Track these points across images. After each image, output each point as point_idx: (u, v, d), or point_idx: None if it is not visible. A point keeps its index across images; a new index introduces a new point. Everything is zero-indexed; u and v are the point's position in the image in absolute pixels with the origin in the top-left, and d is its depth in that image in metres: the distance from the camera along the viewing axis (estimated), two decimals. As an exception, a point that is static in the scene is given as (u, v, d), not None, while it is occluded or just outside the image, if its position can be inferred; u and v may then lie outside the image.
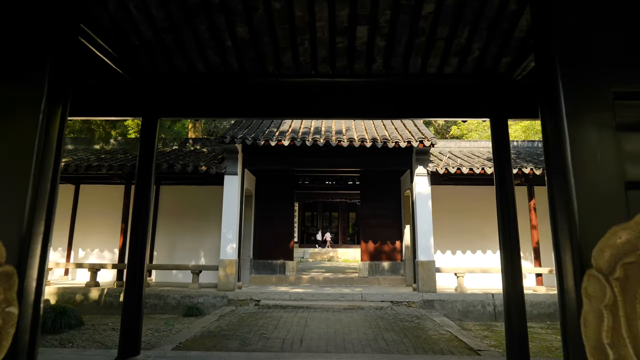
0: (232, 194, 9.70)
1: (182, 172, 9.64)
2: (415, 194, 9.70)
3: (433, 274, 9.26)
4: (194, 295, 9.17)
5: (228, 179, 9.77)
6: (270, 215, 11.80)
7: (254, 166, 10.43)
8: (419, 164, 9.73)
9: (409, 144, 9.22)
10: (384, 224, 11.67)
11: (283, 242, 11.63)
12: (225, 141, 9.28)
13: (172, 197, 11.86)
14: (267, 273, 11.31)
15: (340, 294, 9.17)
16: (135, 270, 4.67)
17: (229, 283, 9.31)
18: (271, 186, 12.02)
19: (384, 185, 11.95)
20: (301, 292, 9.32)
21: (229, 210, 9.63)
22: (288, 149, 10.10)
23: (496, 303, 9.00)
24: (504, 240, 4.75)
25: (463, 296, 9.07)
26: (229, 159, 9.83)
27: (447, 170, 9.41)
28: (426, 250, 9.38)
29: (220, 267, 9.39)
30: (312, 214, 28.72)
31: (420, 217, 9.52)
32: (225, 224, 9.57)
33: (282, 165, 10.29)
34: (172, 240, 11.57)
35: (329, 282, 10.89)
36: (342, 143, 9.24)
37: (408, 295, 9.12)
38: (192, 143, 12.09)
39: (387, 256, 11.50)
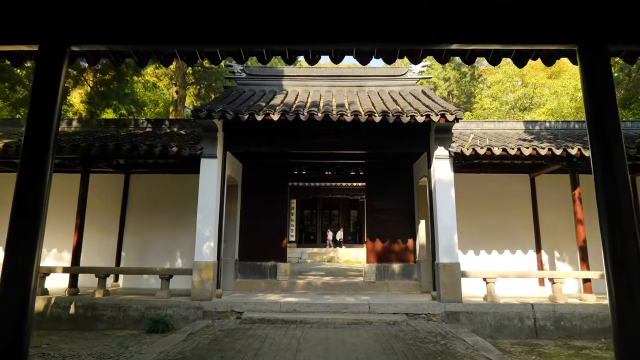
0: (210, 181, 7.92)
1: (148, 155, 7.87)
2: (435, 181, 7.92)
3: (458, 280, 7.48)
4: (162, 306, 7.40)
5: (205, 162, 8.00)
6: (260, 210, 10.02)
7: (237, 148, 8.65)
8: (439, 145, 7.95)
9: (427, 118, 7.44)
10: (393, 219, 9.89)
11: (275, 241, 9.85)
12: (201, 115, 7.50)
13: (144, 189, 10.11)
14: (256, 277, 9.53)
15: (342, 304, 7.39)
16: (17, 276, 2.86)
17: (204, 291, 7.53)
18: (261, 175, 10.24)
19: (393, 174, 10.18)
20: (294, 301, 7.54)
21: (206, 202, 7.85)
22: (279, 126, 8.32)
23: (537, 316, 7.22)
24: (611, 241, 2.90)
25: (495, 307, 7.29)
26: (206, 139, 8.05)
27: (475, 151, 7.64)
28: (449, 250, 7.60)
29: (194, 271, 7.61)
30: (311, 212, 26.95)
31: (441, 210, 7.74)
32: (202, 218, 7.79)
33: (272, 147, 8.52)
34: (143, 239, 9.81)
35: (328, 289, 9.11)
36: (345, 117, 7.47)
37: (427, 306, 7.34)
38: (168, 125, 10.32)
39: (397, 257, 9.72)
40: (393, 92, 9.80)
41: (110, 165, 9.45)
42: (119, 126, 10.29)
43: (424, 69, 10.42)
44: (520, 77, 16.75)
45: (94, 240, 9.68)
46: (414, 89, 9.94)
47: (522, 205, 9.68)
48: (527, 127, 10.11)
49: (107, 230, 9.77)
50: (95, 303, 7.47)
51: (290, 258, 21.59)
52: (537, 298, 8.04)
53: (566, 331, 7.13)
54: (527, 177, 9.84)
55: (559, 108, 14.65)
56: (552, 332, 7.14)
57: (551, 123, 10.14)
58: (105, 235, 9.75)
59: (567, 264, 9.41)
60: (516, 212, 9.64)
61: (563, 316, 7.20)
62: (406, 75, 10.39)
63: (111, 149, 7.68)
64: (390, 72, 10.52)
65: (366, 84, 10.29)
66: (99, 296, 7.68)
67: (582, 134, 9.60)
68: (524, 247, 9.53)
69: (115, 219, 9.85)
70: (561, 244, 9.47)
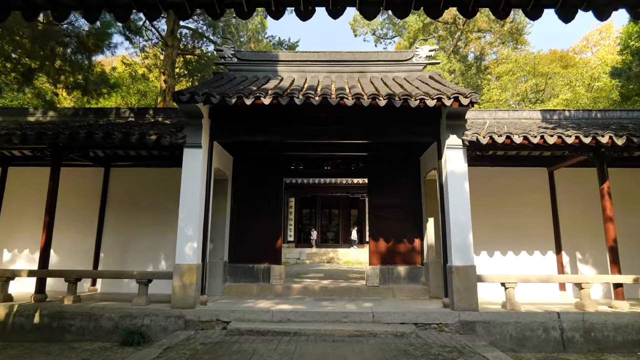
0: (193, 173, 7.05)
1: (124, 144, 7.00)
2: (446, 173, 7.05)
3: (473, 285, 6.61)
4: (138, 315, 6.53)
5: (189, 153, 7.13)
6: (253, 206, 9.15)
7: (226, 137, 7.77)
8: (451, 133, 7.08)
9: (438, 102, 6.57)
10: (398, 217, 9.02)
11: (268, 240, 8.99)
12: (183, 99, 6.63)
13: (125, 184, 9.25)
14: (247, 281, 8.66)
15: (342, 313, 6.52)
16: None
17: (186, 297, 6.65)
18: (254, 169, 9.37)
19: (398, 167, 9.31)
20: (288, 309, 6.67)
21: (189, 197, 6.98)
22: (272, 113, 7.47)
23: (564, 326, 6.35)
24: None
25: (516, 316, 6.42)
26: (190, 127, 7.17)
27: (492, 139, 6.77)
28: (463, 251, 6.73)
29: (175, 275, 6.74)
30: (311, 211, 26.06)
31: (454, 206, 6.87)
32: (184, 216, 6.92)
33: (264, 136, 7.64)
34: (124, 239, 8.95)
35: (327, 294, 8.24)
36: (346, 101, 6.60)
37: (438, 315, 6.47)
38: (152, 114, 9.45)
39: (403, 259, 8.85)
40: (398, 78, 8.92)
41: (87, 158, 8.58)
42: (99, 115, 9.42)
43: (431, 53, 9.54)
44: (531, 67, 15.88)
45: (70, 240, 8.83)
46: (421, 75, 9.07)
47: (540, 202, 8.81)
48: (545, 116, 9.24)
49: (84, 230, 8.90)
50: (62, 311, 6.60)
51: (288, 259, 20.77)
52: (562, 305, 7.17)
53: (597, 343, 6.27)
54: (545, 171, 8.97)
55: (574, 99, 13.75)
56: (582, 344, 6.28)
57: (571, 112, 9.26)
58: (82, 235, 8.88)
59: (590, 267, 8.54)
60: (533, 210, 8.77)
61: (593, 326, 6.33)
62: (412, 60, 9.51)
63: (82, 137, 6.81)
64: (394, 57, 9.65)
65: (368, 69, 9.41)
66: (68, 303, 6.82)
67: (606, 123, 8.73)
68: (542, 247, 8.66)
69: (93, 217, 8.98)
70: (584, 244, 8.60)
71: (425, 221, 8.65)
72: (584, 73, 14.35)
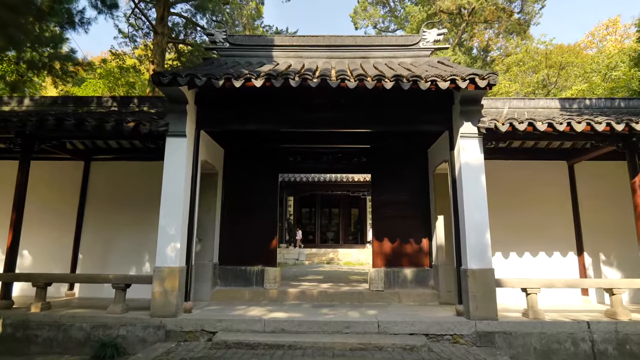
0: (177, 165, 6.31)
1: (98, 132, 6.25)
2: (460, 165, 6.29)
3: (491, 291, 5.86)
4: (113, 325, 5.78)
5: (172, 143, 6.38)
6: (246, 204, 8.41)
7: (214, 126, 7.02)
8: (465, 120, 6.32)
9: (452, 84, 5.82)
10: (404, 215, 8.27)
11: (263, 241, 8.24)
12: (164, 81, 5.87)
13: (107, 179, 8.50)
14: (239, 285, 7.91)
15: (344, 323, 5.76)
16: None
17: (168, 305, 5.90)
18: (247, 163, 8.63)
19: (404, 161, 8.56)
20: (283, 318, 5.92)
21: (172, 191, 6.23)
22: (265, 99, 6.73)
23: (595, 338, 5.60)
24: None
25: (541, 326, 5.67)
26: (173, 113, 6.42)
27: (513, 127, 6.01)
28: (480, 253, 5.97)
29: (154, 279, 5.99)
30: (310, 210, 25.32)
31: (469, 202, 6.12)
32: (166, 213, 6.18)
33: (257, 124, 6.88)
34: (105, 237, 8.20)
35: (327, 299, 7.49)
36: (347, 83, 5.85)
37: (452, 324, 5.72)
38: (137, 103, 8.69)
39: (409, 260, 8.10)
40: (404, 63, 8.17)
41: (64, 150, 7.83)
42: (79, 105, 8.66)
43: (439, 37, 8.78)
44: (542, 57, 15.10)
45: (45, 240, 8.09)
46: (429, 60, 8.32)
47: (559, 199, 8.06)
48: (564, 105, 8.49)
49: (61, 228, 8.15)
50: (28, 320, 5.85)
51: (287, 259, 20.02)
52: (589, 313, 6.43)
53: (634, 357, 5.52)
54: (565, 165, 8.22)
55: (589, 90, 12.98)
56: (615, 358, 5.53)
57: (592, 100, 8.50)
58: (60, 234, 8.13)
59: (615, 270, 7.78)
60: (552, 207, 8.02)
61: (629, 338, 5.59)
62: (419, 45, 8.76)
63: (51, 123, 6.07)
64: (400, 42, 8.88)
65: (371, 54, 8.66)
66: (35, 311, 6.06)
67: (631, 112, 7.97)
68: (562, 248, 7.90)
69: (71, 214, 8.22)
70: (608, 244, 7.85)
71: (434, 219, 7.90)
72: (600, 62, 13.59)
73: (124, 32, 14.55)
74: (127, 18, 14.04)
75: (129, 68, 15.32)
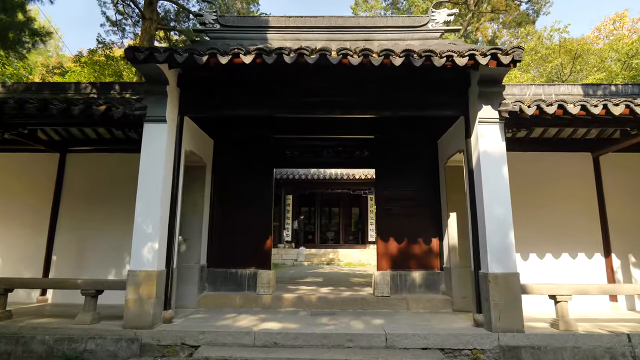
0: (155, 155, 5.54)
1: (64, 116, 5.49)
2: (478, 155, 5.52)
3: (517, 298, 5.09)
4: (80, 337, 5.02)
5: (150, 129, 5.61)
6: (237, 201, 7.64)
7: (200, 111, 6.23)
8: (484, 102, 5.55)
9: (471, 60, 5.06)
10: (412, 212, 7.51)
11: (256, 241, 7.47)
12: (139, 57, 5.11)
13: (85, 172, 7.74)
14: (229, 289, 7.14)
15: (346, 335, 4.99)
16: None
17: (144, 314, 5.13)
18: (239, 155, 7.86)
19: (411, 153, 7.79)
20: (276, 330, 5.16)
21: (149, 185, 5.47)
22: (257, 82, 5.98)
23: (637, 352, 4.83)
24: None
25: (574, 339, 4.90)
26: (152, 96, 5.66)
27: (540, 110, 5.25)
28: (502, 254, 5.20)
29: (128, 285, 5.22)
30: (309, 210, 24.52)
31: (489, 196, 5.35)
32: (142, 209, 5.41)
33: (248, 109, 6.10)
34: (82, 237, 7.44)
35: (326, 305, 6.72)
36: (350, 59, 5.09)
37: (471, 337, 4.95)
38: (118, 89, 7.91)
39: (418, 263, 7.33)
40: (412, 45, 7.39)
41: (35, 140, 7.08)
42: (55, 91, 7.87)
43: (450, 18, 8.03)
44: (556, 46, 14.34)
45: (15, 239, 7.36)
46: (439, 42, 7.55)
47: (583, 194, 7.30)
48: (587, 91, 7.72)
49: (33, 227, 7.40)
50: (-18, 332, 5.09)
51: (285, 260, 19.23)
52: (626, 323, 5.66)
53: (684, 377, 4.75)
54: (589, 157, 7.46)
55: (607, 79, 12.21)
56: (662, 377, 4.76)
57: (618, 86, 7.74)
58: (32, 233, 7.37)
59: (645, 272, 7.02)
60: (575, 203, 7.26)
61: (677, 353, 4.82)
62: (427, 27, 8.00)
63: (10, 107, 5.30)
64: (406, 22, 8.12)
65: (375, 37, 7.89)
66: (-8, 321, 5.31)
67: (663, 99, 7.19)
68: (587, 249, 7.13)
69: (45, 211, 7.47)
70: (639, 245, 7.09)
71: (446, 217, 7.14)
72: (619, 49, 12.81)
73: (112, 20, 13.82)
74: (114, 4, 13.29)
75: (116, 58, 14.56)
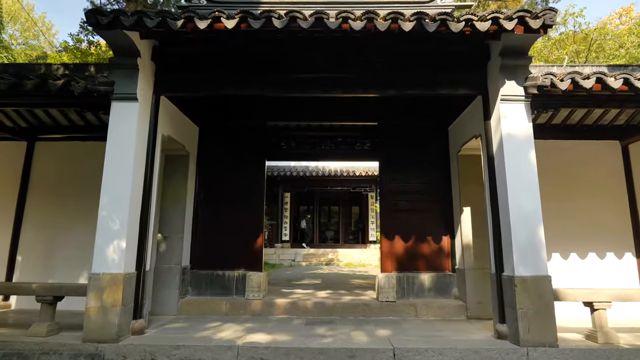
0: (123, 137, 4.75)
1: (15, 91, 4.71)
2: (500, 138, 4.74)
3: (549, 306, 4.30)
4: (32, 352, 4.23)
5: (118, 108, 4.82)
6: (224, 195, 6.86)
7: (179, 89, 5.40)
8: (507, 77, 4.77)
9: (494, 25, 4.29)
10: (420, 207, 6.73)
11: (245, 240, 6.68)
12: (102, 21, 4.32)
13: (55, 162, 6.97)
14: (215, 294, 6.35)
15: (347, 350, 4.21)
16: None
17: (107, 325, 4.34)
18: (227, 145, 7.07)
19: (417, 142, 7.01)
20: (264, 343, 4.37)
21: (117, 172, 4.68)
22: (245, 57, 5.20)
23: (693, 371, 4.04)
24: None
25: (617, 354, 4.13)
26: (119, 69, 4.86)
27: (575, 84, 4.47)
28: (532, 254, 4.42)
29: (90, 290, 4.44)
30: (308, 208, 23.75)
31: (514, 186, 4.57)
32: (108, 201, 4.63)
33: (234, 87, 5.31)
34: (51, 235, 6.65)
35: (324, 312, 5.93)
36: (351, 24, 4.33)
37: (495, 352, 4.17)
38: (94, 70, 7.09)
39: (427, 264, 6.55)
40: (419, 21, 6.63)
41: (1, 128, 6.32)
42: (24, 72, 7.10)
43: (461, -7, 7.27)
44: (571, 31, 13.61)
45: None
46: (450, 18, 6.77)
47: (611, 187, 6.53)
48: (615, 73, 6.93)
49: (-4, 224, 6.62)
50: None
51: (282, 260, 18.45)
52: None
53: None
54: (617, 145, 6.68)
55: (628, 65, 11.46)
56: None
57: None
58: (-5, 231, 6.60)
59: (686, 274, 6.23)
60: (601, 197, 6.48)
61: None
62: (436, 2, 7.23)
63: (-49, 81, 4.52)
64: (412, -2, 7.35)
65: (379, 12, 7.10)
66: None
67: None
68: (617, 248, 6.35)
69: (9, 206, 6.69)
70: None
71: (458, 212, 6.35)
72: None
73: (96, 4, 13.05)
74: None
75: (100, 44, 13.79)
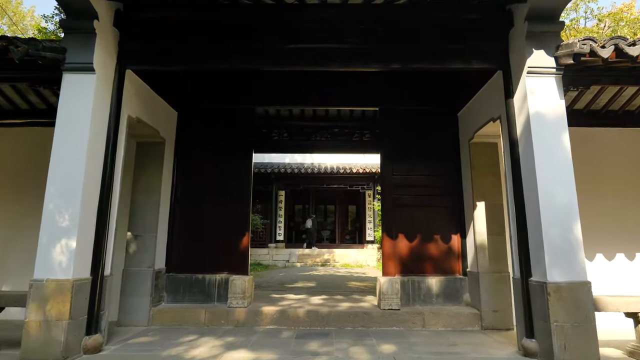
0: (77, 116, 3.95)
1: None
2: (527, 118, 3.98)
3: (589, 318, 3.56)
4: (-44, 377, 3.42)
5: (71, 81, 4.03)
6: (206, 188, 6.07)
7: (149, 61, 4.57)
8: (535, 46, 4.01)
9: (523, -21, 3.53)
10: (426, 202, 5.97)
11: (228, 239, 5.89)
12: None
13: (12, 151, 6.15)
14: (193, 301, 5.57)
15: (345, 372, 3.44)
16: None
17: (51, 343, 3.54)
18: (209, 132, 6.28)
19: (423, 129, 6.25)
20: (244, 364, 3.60)
21: (67, 157, 3.88)
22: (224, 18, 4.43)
23: None
24: None
25: (673, 378, 3.38)
26: (72, 33, 4.07)
27: (619, 51, 3.72)
28: (567, 255, 3.67)
29: (30, 300, 3.63)
30: (303, 207, 23.00)
31: (545, 175, 3.82)
32: (55, 192, 3.82)
33: (214, 60, 4.53)
34: (5, 235, 5.84)
35: (318, 323, 5.16)
36: (351, -25, 3.55)
37: (524, 375, 3.41)
38: (58, 49, 6.30)
39: (434, 266, 5.80)
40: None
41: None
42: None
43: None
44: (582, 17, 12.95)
45: None
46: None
47: None
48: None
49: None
50: None
51: (276, 261, 17.65)
52: None
53: None
54: (647, 133, 5.97)
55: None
56: None
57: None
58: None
59: None
60: (631, 191, 5.77)
61: None
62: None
63: None
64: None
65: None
66: None
67: None
68: (648, 248, 5.64)
69: (-40, 201, 5.87)
70: None
71: (470, 207, 5.60)
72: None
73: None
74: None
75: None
